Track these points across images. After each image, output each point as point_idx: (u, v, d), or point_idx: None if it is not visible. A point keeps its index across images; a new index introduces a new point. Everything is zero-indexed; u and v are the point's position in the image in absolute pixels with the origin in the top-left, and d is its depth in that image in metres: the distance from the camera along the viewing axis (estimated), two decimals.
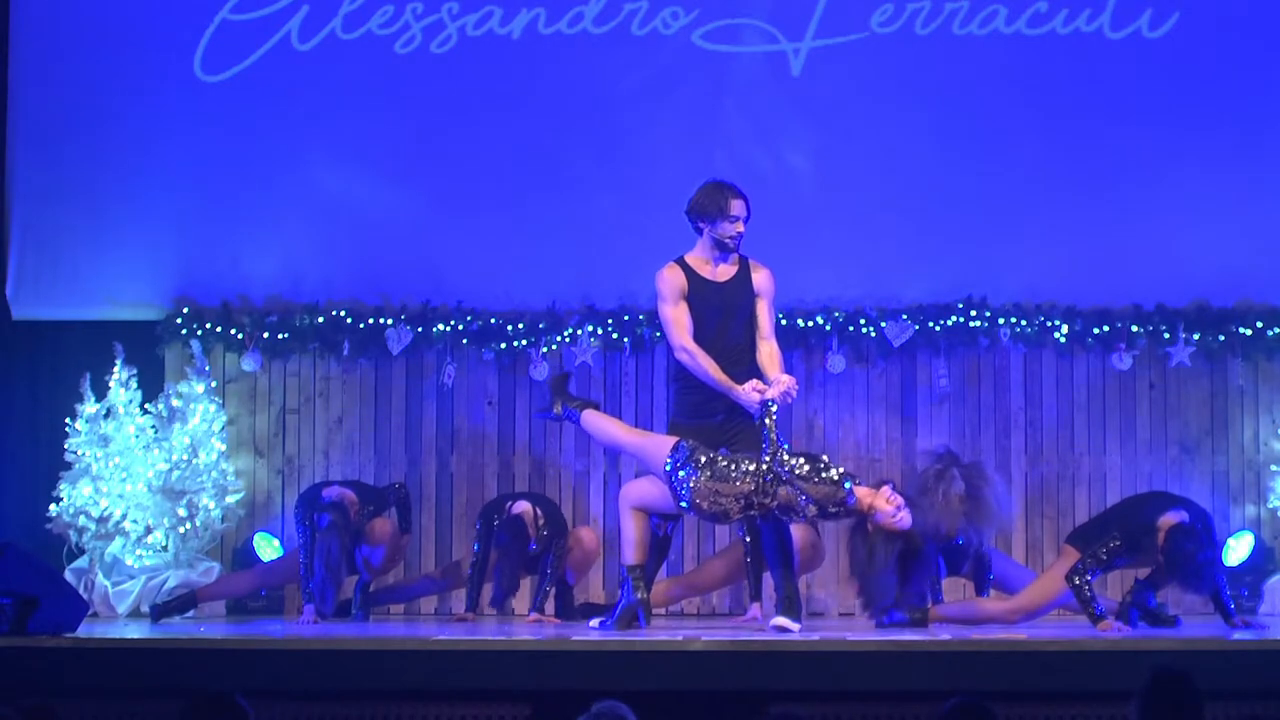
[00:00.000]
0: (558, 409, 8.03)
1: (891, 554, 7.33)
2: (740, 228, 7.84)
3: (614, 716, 5.00)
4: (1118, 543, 7.73)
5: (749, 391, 7.56)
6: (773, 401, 7.48)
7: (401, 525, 8.82)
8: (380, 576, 8.93)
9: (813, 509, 7.32)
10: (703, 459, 7.46)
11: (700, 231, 7.88)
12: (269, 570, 9.05)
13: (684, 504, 7.50)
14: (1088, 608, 7.64)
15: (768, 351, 7.83)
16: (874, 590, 7.34)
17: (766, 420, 7.42)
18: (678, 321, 7.80)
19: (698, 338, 7.78)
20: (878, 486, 7.48)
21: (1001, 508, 7.99)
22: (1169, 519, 7.69)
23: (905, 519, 7.37)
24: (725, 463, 7.43)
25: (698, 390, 7.76)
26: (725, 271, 7.89)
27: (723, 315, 7.83)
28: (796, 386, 7.67)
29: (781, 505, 7.35)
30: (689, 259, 7.90)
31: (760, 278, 7.91)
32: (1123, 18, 9.52)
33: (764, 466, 7.34)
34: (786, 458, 7.34)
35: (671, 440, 7.59)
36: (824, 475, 7.30)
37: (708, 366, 7.69)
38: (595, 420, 7.95)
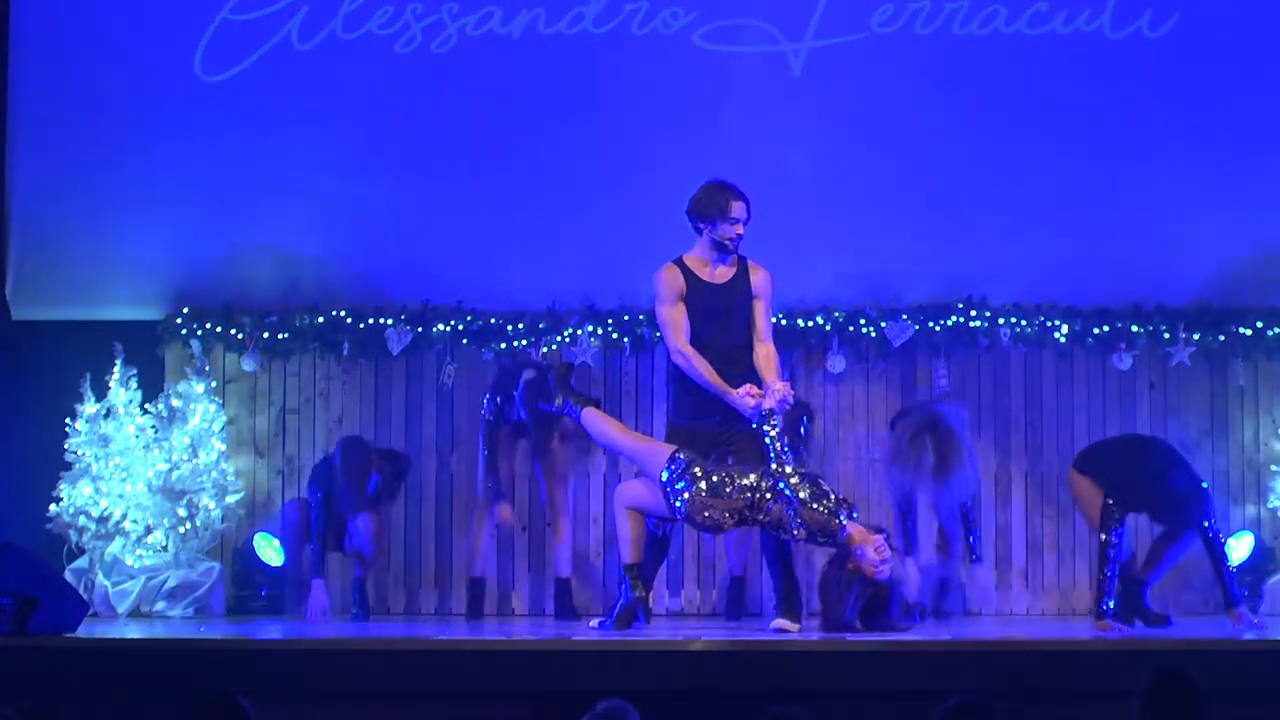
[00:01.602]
0: (559, 402, 7.98)
1: (861, 597, 7.29)
2: (740, 230, 7.77)
3: (619, 715, 5.00)
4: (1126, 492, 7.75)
5: (743, 396, 7.52)
6: (773, 411, 7.45)
7: (390, 490, 8.87)
8: (372, 566, 8.93)
9: (802, 532, 7.27)
10: (699, 471, 7.40)
11: (700, 232, 7.83)
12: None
13: (677, 514, 7.47)
14: (1101, 588, 7.56)
15: (764, 354, 7.77)
16: (832, 621, 7.33)
17: (769, 431, 7.39)
18: (675, 323, 7.76)
19: (696, 339, 7.73)
20: (875, 530, 7.38)
21: (969, 473, 8.28)
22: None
23: (885, 573, 7.27)
24: (720, 477, 7.37)
25: (695, 392, 7.71)
26: (724, 273, 7.84)
27: (721, 317, 7.78)
28: (792, 393, 7.60)
29: (772, 521, 7.32)
30: (687, 259, 7.85)
31: (759, 279, 7.85)
32: (1123, 18, 9.52)
33: (763, 482, 7.31)
34: (789, 472, 7.31)
35: (669, 449, 7.53)
36: (822, 503, 7.25)
37: (703, 369, 7.65)
38: (595, 420, 7.89)
